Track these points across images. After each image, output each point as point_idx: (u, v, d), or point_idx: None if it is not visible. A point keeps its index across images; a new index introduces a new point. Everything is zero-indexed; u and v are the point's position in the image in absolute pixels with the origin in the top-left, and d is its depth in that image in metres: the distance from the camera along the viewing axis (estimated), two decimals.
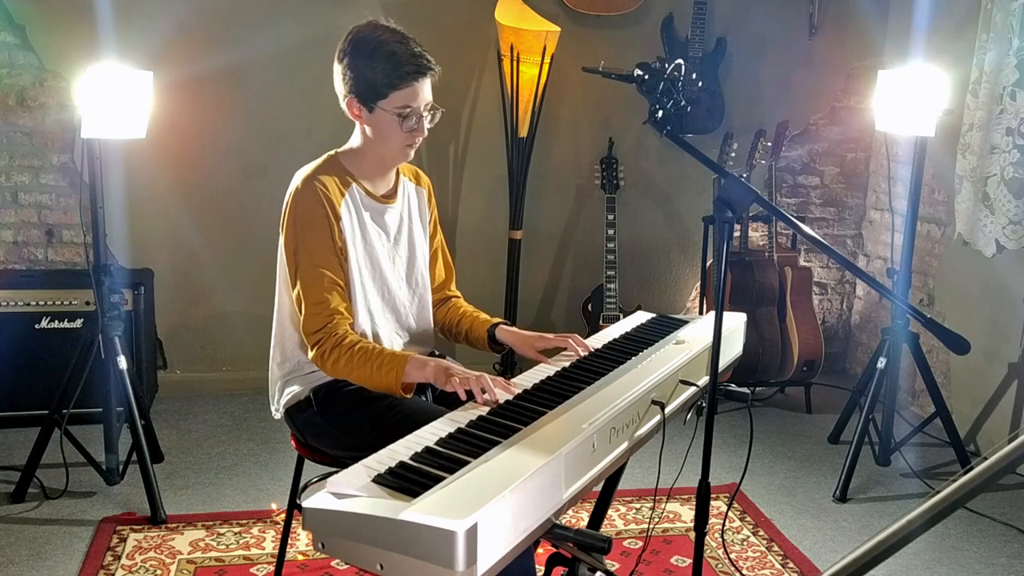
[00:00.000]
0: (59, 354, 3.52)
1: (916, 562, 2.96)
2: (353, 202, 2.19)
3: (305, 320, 2.12)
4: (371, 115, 2.14)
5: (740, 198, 1.89)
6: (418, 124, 2.16)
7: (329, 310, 2.10)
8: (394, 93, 2.10)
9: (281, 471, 3.43)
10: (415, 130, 2.16)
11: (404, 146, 2.19)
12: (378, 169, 2.26)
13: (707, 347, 2.14)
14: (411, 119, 2.14)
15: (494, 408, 1.83)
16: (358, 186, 2.22)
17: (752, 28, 4.42)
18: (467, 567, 1.32)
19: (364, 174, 2.24)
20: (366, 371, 2.05)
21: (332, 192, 2.15)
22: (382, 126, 2.15)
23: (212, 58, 3.93)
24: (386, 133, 2.16)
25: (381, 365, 2.04)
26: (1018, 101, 3.64)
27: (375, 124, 2.16)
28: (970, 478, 1.12)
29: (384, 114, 2.13)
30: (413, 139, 2.18)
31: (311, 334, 2.11)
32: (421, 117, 2.15)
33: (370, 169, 2.25)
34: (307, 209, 2.13)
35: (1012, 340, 3.74)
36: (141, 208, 4.00)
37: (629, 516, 3.20)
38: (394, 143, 2.17)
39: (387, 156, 2.23)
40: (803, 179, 4.71)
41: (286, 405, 2.27)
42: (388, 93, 2.10)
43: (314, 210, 2.12)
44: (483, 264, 4.35)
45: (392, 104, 2.11)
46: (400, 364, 2.03)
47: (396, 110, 2.12)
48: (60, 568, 2.75)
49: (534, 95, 4.02)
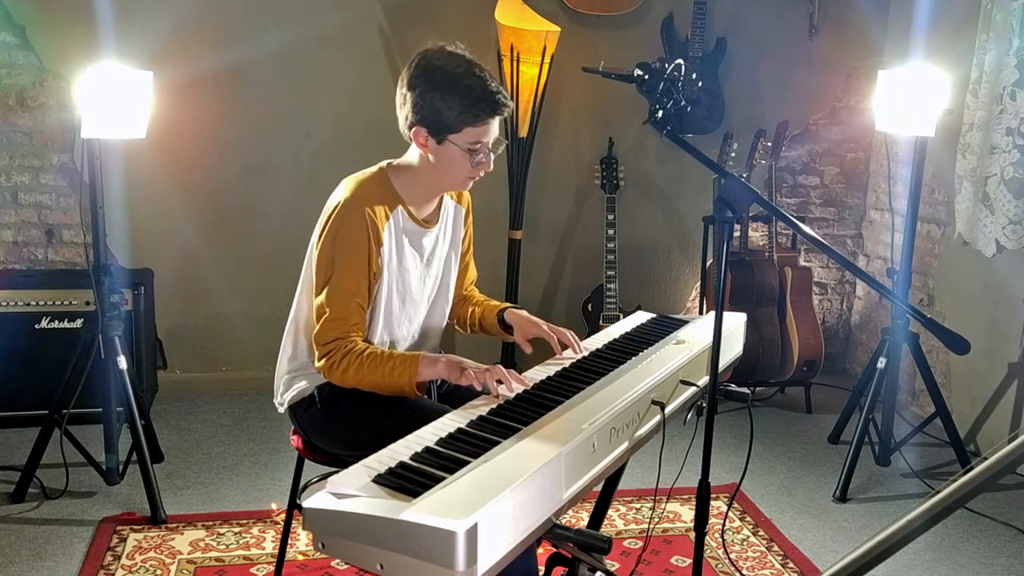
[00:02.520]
0: (59, 354, 3.52)
1: (916, 562, 2.96)
2: (396, 226, 2.16)
3: (320, 330, 2.10)
4: (439, 147, 2.09)
5: (740, 198, 1.89)
6: (486, 159, 2.13)
7: (347, 327, 2.09)
8: (467, 129, 2.06)
9: (281, 471, 3.43)
10: (482, 164, 2.13)
11: (467, 178, 2.17)
12: (429, 194, 2.23)
13: (707, 347, 2.14)
14: (480, 154, 2.11)
15: (494, 408, 1.84)
16: (403, 209, 2.18)
17: (752, 28, 4.42)
18: (467, 567, 1.32)
19: (413, 198, 2.19)
20: (377, 376, 2.05)
21: (378, 217, 2.11)
22: (449, 159, 2.11)
23: (212, 58, 3.93)
24: (451, 166, 2.12)
25: (393, 368, 2.04)
26: (1018, 101, 3.64)
27: (441, 155, 2.11)
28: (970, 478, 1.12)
29: (453, 147, 2.08)
30: (478, 172, 2.15)
31: (322, 344, 2.10)
32: (489, 152, 2.13)
33: (421, 193, 2.21)
34: (349, 232, 2.08)
35: (1012, 340, 3.74)
36: (141, 208, 4.00)
37: (629, 516, 3.20)
38: (458, 175, 2.15)
39: (446, 186, 2.22)
40: (803, 179, 4.71)
41: (291, 401, 2.27)
42: (461, 128, 2.06)
43: (356, 235, 2.08)
44: (483, 264, 4.29)
45: (464, 139, 2.07)
46: (412, 364, 2.03)
47: (468, 145, 2.08)
48: (60, 568, 2.75)
49: (534, 95, 4.02)
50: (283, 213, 4.08)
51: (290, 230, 3.89)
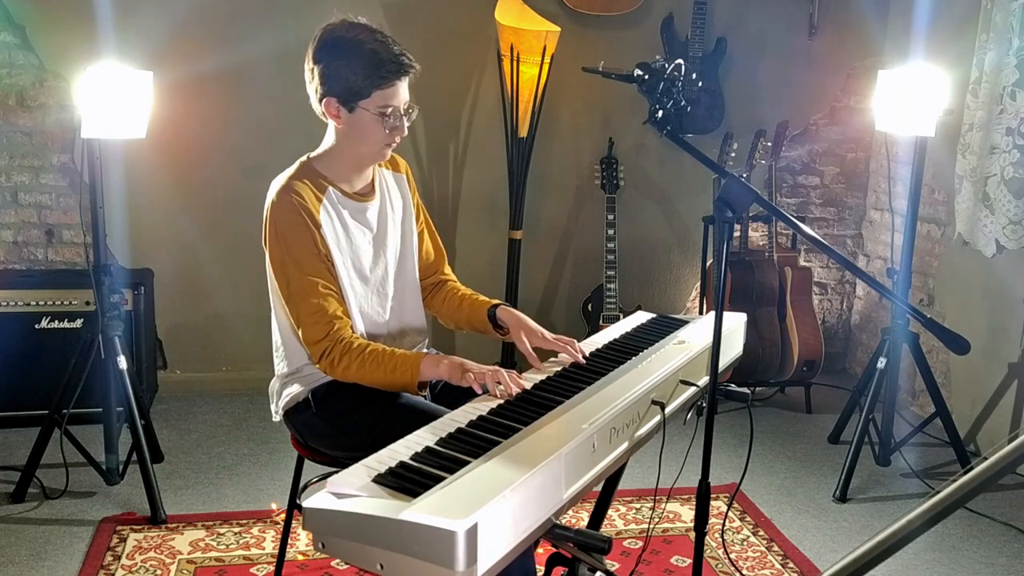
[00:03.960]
0: (59, 354, 3.52)
1: (916, 562, 2.97)
2: (331, 205, 2.17)
3: (305, 332, 2.10)
4: (351, 115, 2.12)
5: (740, 198, 1.89)
6: (399, 123, 2.15)
7: (328, 317, 2.08)
8: (376, 92, 2.09)
9: (281, 471, 3.43)
10: (396, 128, 2.15)
11: (384, 145, 2.18)
12: (355, 169, 2.24)
13: (707, 347, 2.14)
14: (392, 118, 2.13)
15: (494, 408, 1.84)
16: (334, 188, 2.19)
17: (752, 28, 4.42)
18: (467, 567, 1.32)
19: (340, 176, 2.21)
20: (379, 374, 2.05)
21: (309, 200, 2.12)
22: (363, 126, 2.13)
23: (212, 58, 3.93)
24: (367, 133, 2.14)
25: (395, 367, 2.04)
26: (1018, 101, 3.64)
27: (355, 124, 2.13)
28: (970, 478, 1.12)
29: (365, 114, 2.11)
30: (393, 138, 2.16)
31: (314, 344, 2.09)
32: (402, 116, 2.15)
33: (346, 170, 2.22)
34: (287, 221, 2.10)
35: (1012, 340, 3.74)
36: (141, 208, 4.00)
37: (629, 516, 3.20)
38: (375, 143, 2.16)
39: (366, 156, 2.21)
40: (803, 179, 4.72)
41: (285, 407, 2.27)
42: (370, 92, 2.09)
43: (294, 221, 2.10)
44: (483, 264, 4.35)
45: (374, 104, 2.10)
46: (415, 364, 2.04)
47: (378, 109, 2.10)
48: (60, 568, 2.75)
49: (534, 95, 4.02)
50: None
51: None
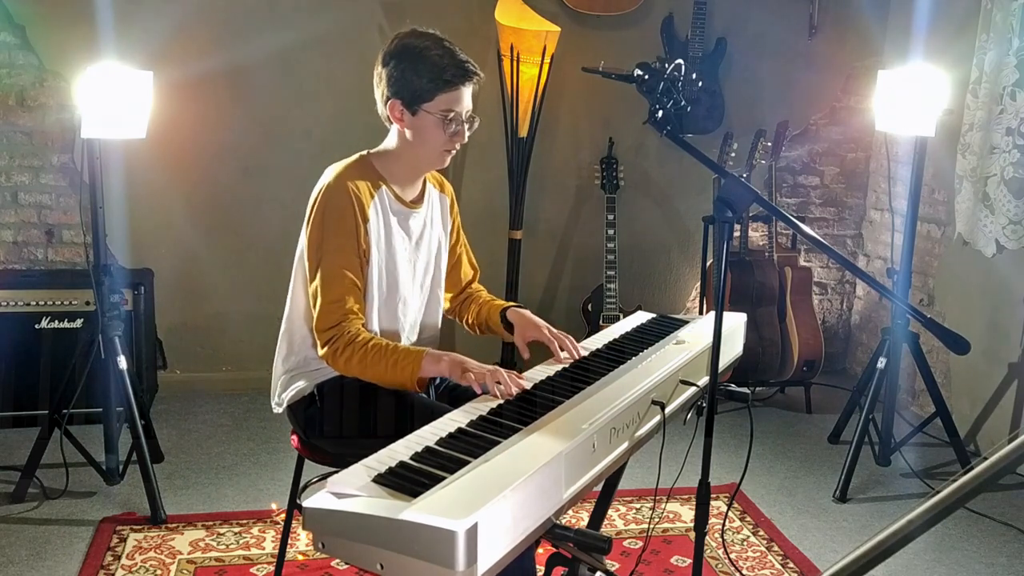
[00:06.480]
0: (59, 354, 3.52)
1: (916, 562, 2.96)
2: (381, 205, 2.19)
3: (319, 317, 2.12)
4: (413, 118, 2.15)
5: (740, 198, 1.89)
6: (460, 129, 2.17)
7: (344, 309, 2.10)
8: (439, 96, 2.12)
9: (281, 471, 3.43)
10: (456, 135, 2.17)
11: (443, 151, 2.20)
12: (411, 174, 2.27)
13: (707, 347, 2.14)
14: (454, 123, 2.15)
15: (494, 408, 1.84)
16: (388, 189, 2.22)
17: (752, 28, 4.42)
18: (467, 567, 1.32)
19: (395, 178, 2.24)
20: (380, 368, 2.06)
21: (363, 194, 2.15)
22: (424, 129, 2.15)
23: (212, 58, 3.93)
24: (427, 137, 2.16)
25: (396, 361, 2.05)
26: (1018, 101, 3.64)
27: (417, 127, 2.16)
28: (970, 478, 1.12)
29: (428, 116, 2.13)
30: (453, 144, 2.19)
31: (323, 331, 2.11)
32: (463, 123, 2.17)
33: (402, 173, 2.25)
34: (336, 208, 2.12)
35: (1012, 340, 3.74)
36: (141, 208, 4.00)
37: (629, 516, 3.20)
38: (434, 147, 2.18)
39: (424, 161, 2.23)
40: (803, 179, 4.71)
41: (290, 401, 2.27)
42: (433, 96, 2.11)
43: (344, 210, 2.12)
44: (483, 264, 4.27)
45: (437, 107, 2.12)
46: (416, 360, 2.04)
47: (441, 113, 2.13)
48: (60, 568, 2.75)
49: (534, 95, 4.01)
50: (283, 213, 4.08)
51: (290, 230, 3.82)
